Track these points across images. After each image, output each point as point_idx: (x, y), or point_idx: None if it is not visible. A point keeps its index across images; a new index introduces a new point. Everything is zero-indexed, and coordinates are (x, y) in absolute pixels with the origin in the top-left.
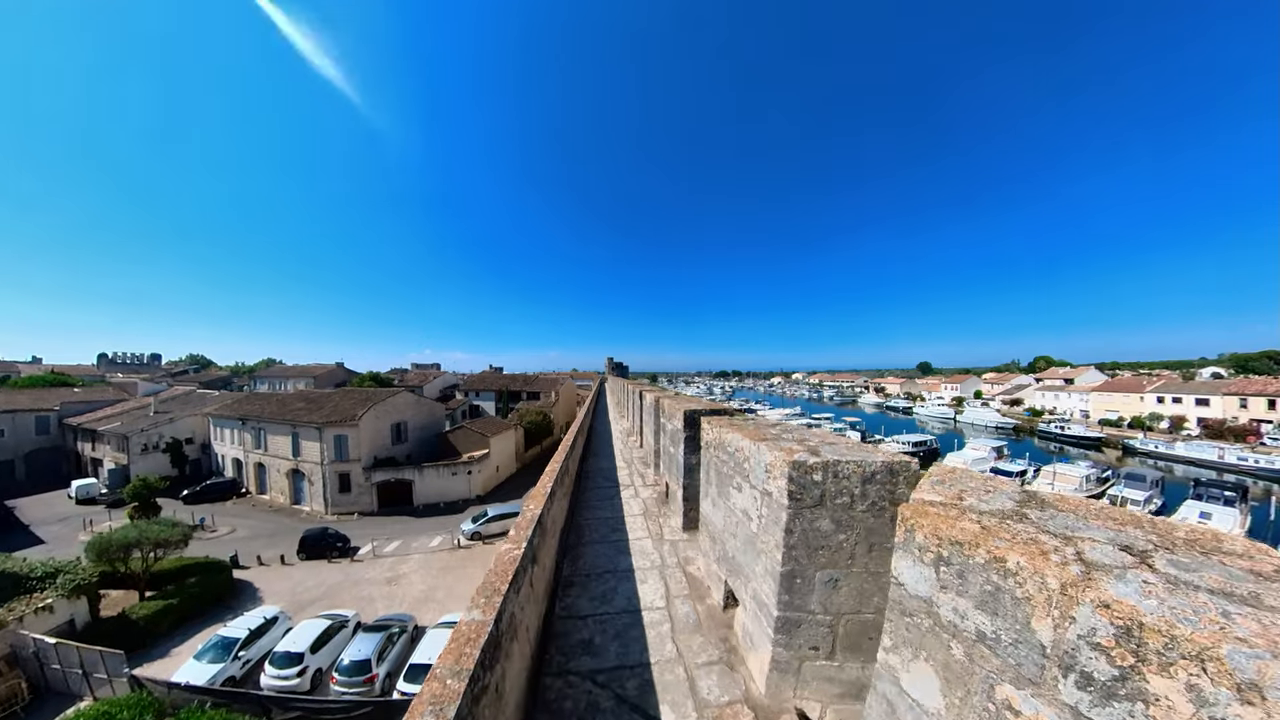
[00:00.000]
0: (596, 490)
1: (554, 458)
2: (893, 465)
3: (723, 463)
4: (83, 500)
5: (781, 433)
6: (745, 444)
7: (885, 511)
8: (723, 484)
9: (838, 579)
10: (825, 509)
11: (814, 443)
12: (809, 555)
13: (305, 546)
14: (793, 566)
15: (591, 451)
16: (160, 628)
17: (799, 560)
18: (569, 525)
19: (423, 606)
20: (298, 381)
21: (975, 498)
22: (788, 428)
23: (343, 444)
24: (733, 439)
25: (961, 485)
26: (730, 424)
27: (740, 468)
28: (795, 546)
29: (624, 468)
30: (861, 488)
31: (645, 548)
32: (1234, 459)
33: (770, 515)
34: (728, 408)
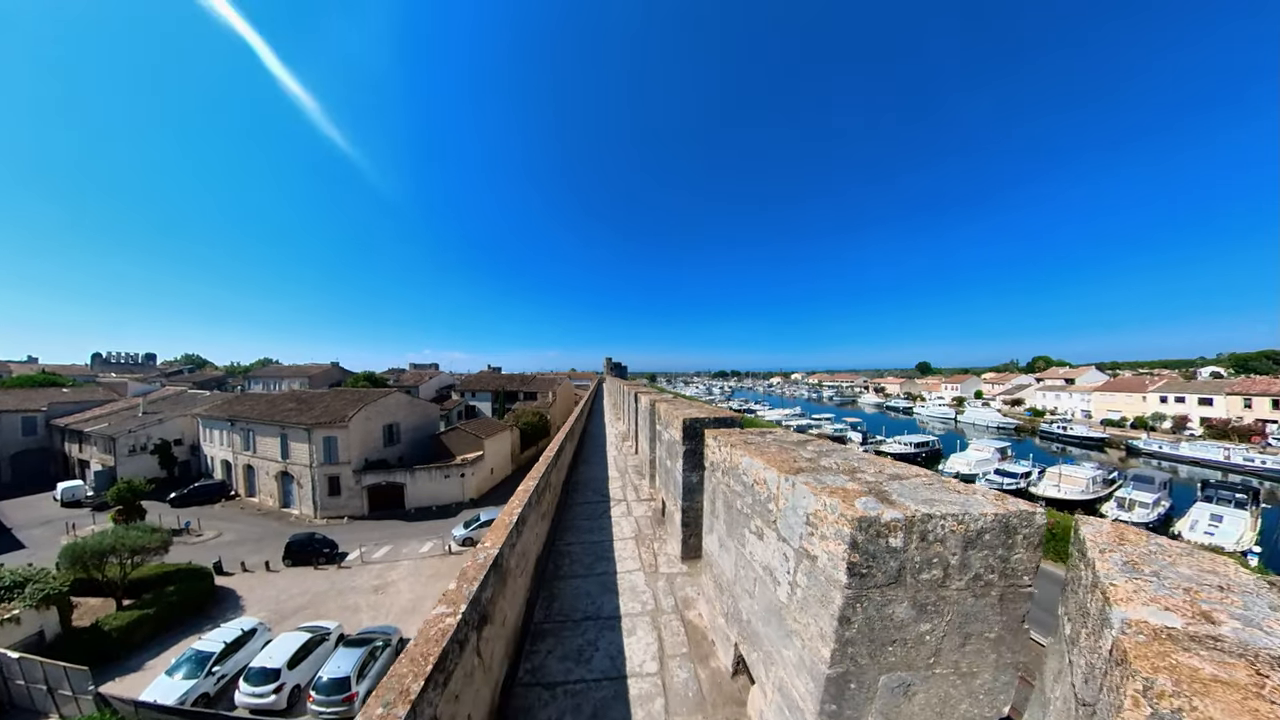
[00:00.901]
0: (584, 506)
1: (533, 469)
2: (1008, 520)
3: (735, 494)
4: (68, 503)
5: (819, 456)
6: (770, 476)
7: (991, 589)
8: (735, 522)
9: (911, 684)
10: (903, 587)
11: (877, 478)
12: (873, 653)
13: (291, 552)
14: (847, 668)
15: (583, 458)
16: (135, 639)
17: (857, 660)
18: (548, 551)
19: (409, 617)
20: (292, 382)
21: (1233, 619)
22: (825, 447)
23: (332, 446)
24: (751, 465)
25: (1180, 576)
26: (744, 441)
27: (762, 508)
28: (854, 641)
29: (616, 478)
30: (962, 554)
31: (636, 583)
32: (1240, 459)
33: (814, 590)
34: (735, 415)
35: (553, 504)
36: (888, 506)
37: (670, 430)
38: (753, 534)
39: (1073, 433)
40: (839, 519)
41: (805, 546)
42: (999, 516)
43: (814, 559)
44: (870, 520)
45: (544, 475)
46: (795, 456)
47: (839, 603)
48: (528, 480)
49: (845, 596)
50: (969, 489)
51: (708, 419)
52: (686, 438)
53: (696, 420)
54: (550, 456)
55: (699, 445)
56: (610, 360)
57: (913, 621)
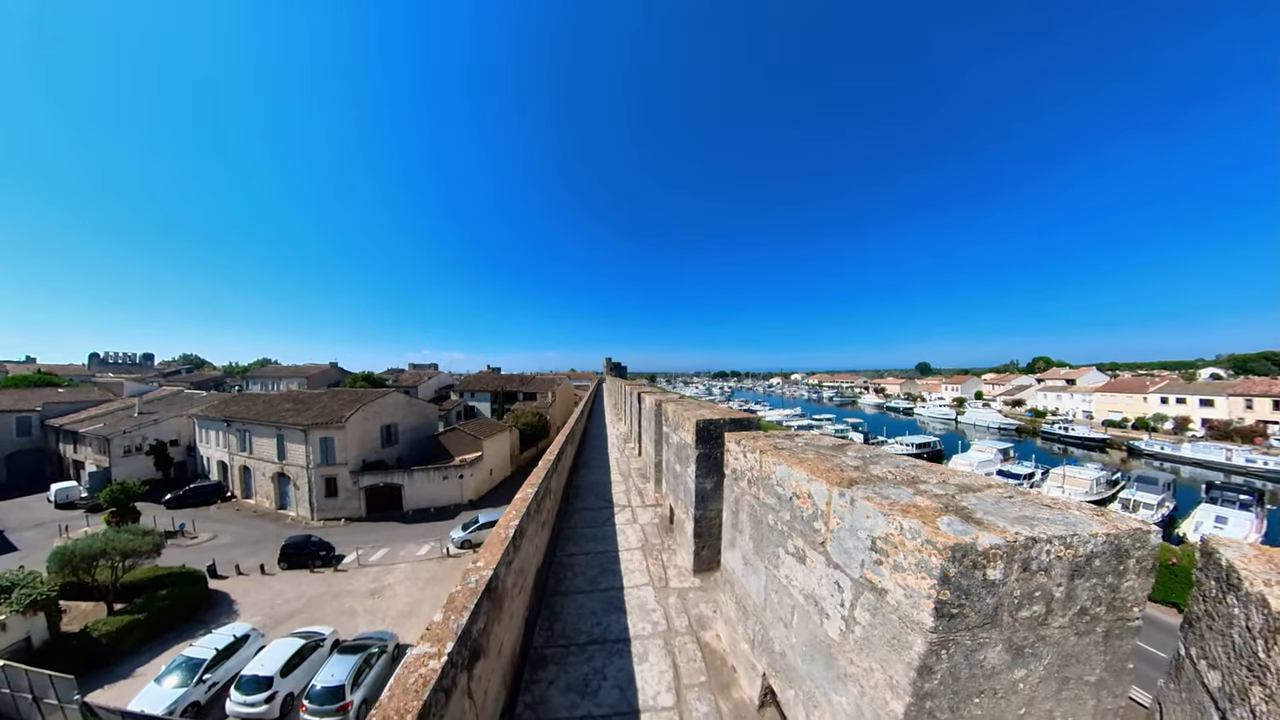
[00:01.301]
0: (586, 513)
1: (533, 474)
2: (1119, 541)
3: (766, 507)
4: (62, 504)
5: (866, 463)
6: (818, 489)
7: (1097, 624)
8: (765, 539)
9: None
10: (999, 628)
11: (945, 490)
12: (955, 706)
13: (286, 555)
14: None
15: (583, 461)
16: (125, 645)
17: (935, 715)
18: (548, 564)
19: (406, 622)
20: (290, 382)
21: None
22: (868, 452)
23: (329, 447)
24: (789, 476)
25: None
26: (774, 447)
27: (805, 526)
28: (934, 694)
29: (619, 481)
30: (1068, 585)
31: (645, 600)
32: (1242, 460)
33: (881, 630)
34: (752, 417)
35: (553, 511)
36: (979, 529)
37: (680, 433)
38: (790, 555)
39: (1074, 434)
40: (923, 547)
41: (869, 577)
42: (1110, 538)
43: (882, 593)
44: (965, 549)
45: (544, 481)
46: (839, 464)
47: (919, 649)
48: (526, 487)
49: (929, 642)
50: (1062, 503)
51: (723, 420)
52: (700, 441)
53: (711, 422)
54: (550, 460)
55: (714, 449)
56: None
57: (1006, 668)
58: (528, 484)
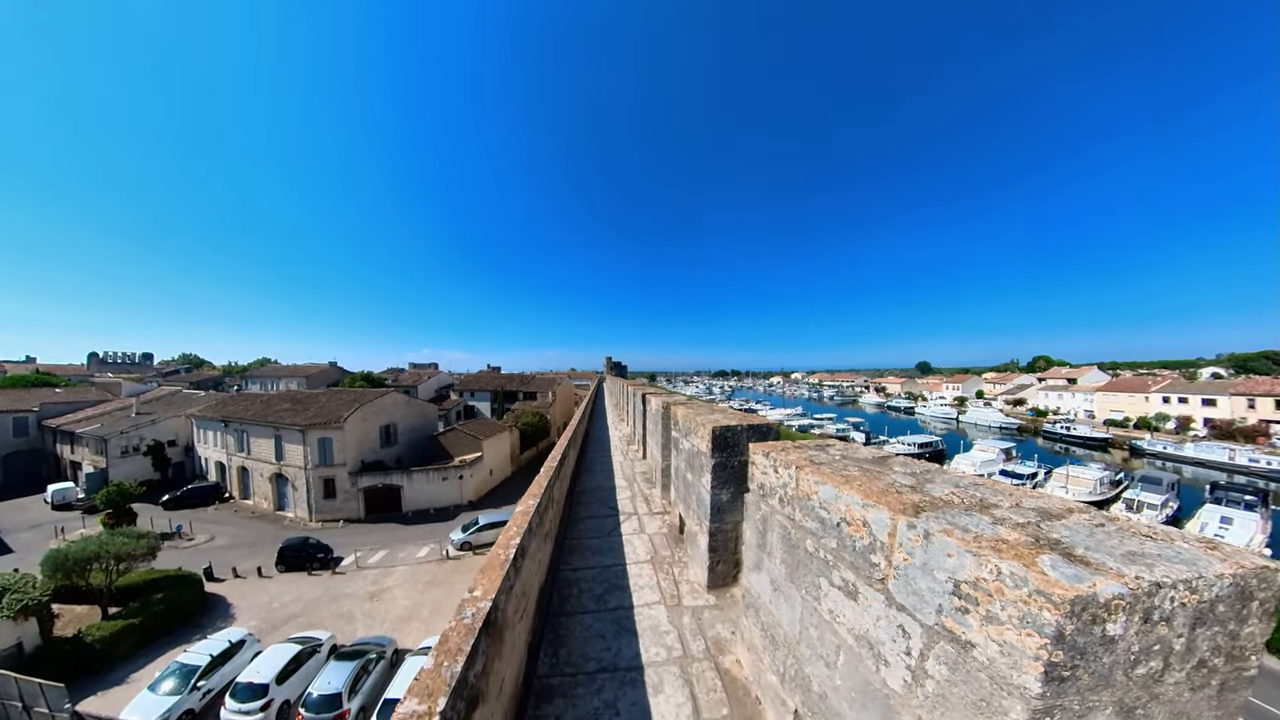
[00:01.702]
0: (590, 522)
1: (534, 483)
2: (1244, 582)
3: (804, 531)
4: (58, 505)
5: (921, 481)
6: (876, 517)
7: (1213, 676)
8: (802, 566)
9: None
10: (1110, 689)
11: (1025, 517)
12: None
13: (284, 557)
14: None
15: (586, 465)
16: (119, 651)
17: None
18: (551, 581)
19: (405, 626)
20: (289, 381)
21: None
22: (918, 467)
23: (327, 447)
24: (836, 498)
25: None
26: (811, 461)
27: (859, 558)
28: None
29: (624, 487)
30: (1188, 635)
31: (657, 620)
32: (1245, 460)
33: (964, 689)
34: (770, 423)
35: (556, 521)
36: (1091, 572)
37: (693, 439)
38: (835, 588)
39: (1076, 433)
40: (1031, 598)
41: (949, 626)
42: (1236, 579)
43: (966, 646)
44: (1085, 601)
45: (546, 490)
46: (891, 484)
47: (1019, 717)
48: (528, 498)
49: (1031, 710)
50: (1165, 533)
51: (741, 427)
52: (717, 449)
53: (729, 429)
54: (552, 466)
55: (731, 458)
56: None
57: None
58: (529, 494)
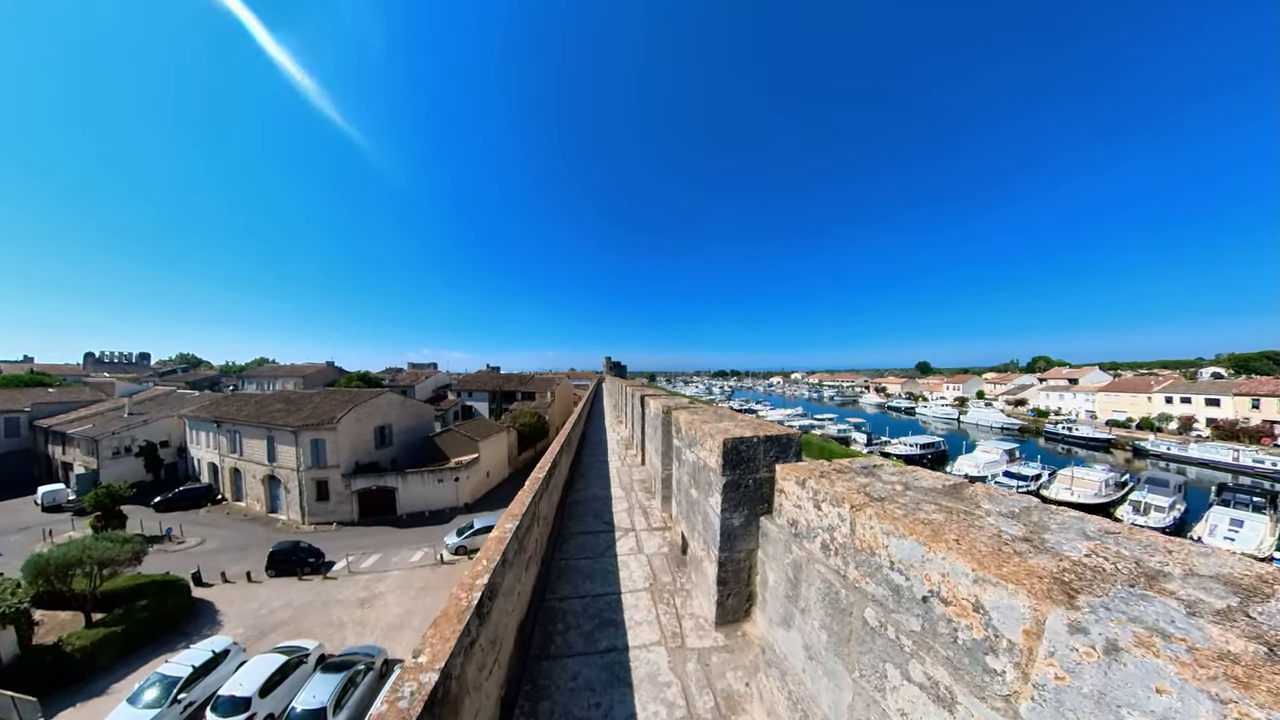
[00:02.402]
0: (582, 539)
1: (517, 497)
2: None
3: (865, 596)
4: (49, 507)
5: (1034, 528)
6: (1005, 601)
7: None
8: (858, 642)
9: None
10: None
11: (1231, 595)
12: None
13: (274, 562)
14: None
15: (580, 472)
16: (100, 660)
17: None
18: (534, 614)
19: (396, 635)
20: (286, 381)
21: None
22: (1023, 507)
23: (320, 448)
24: (924, 559)
25: None
26: (869, 498)
27: (959, 654)
28: None
29: (621, 497)
30: None
31: (656, 667)
32: (1250, 461)
33: None
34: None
35: (543, 540)
36: None
37: (699, 451)
38: (913, 683)
39: (1078, 433)
40: None
41: None
42: None
43: None
44: None
45: (530, 507)
46: (994, 534)
47: None
48: (506, 519)
49: None
50: None
51: (757, 439)
52: (729, 465)
53: (744, 442)
54: (539, 478)
55: (746, 477)
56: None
57: None
58: (509, 514)
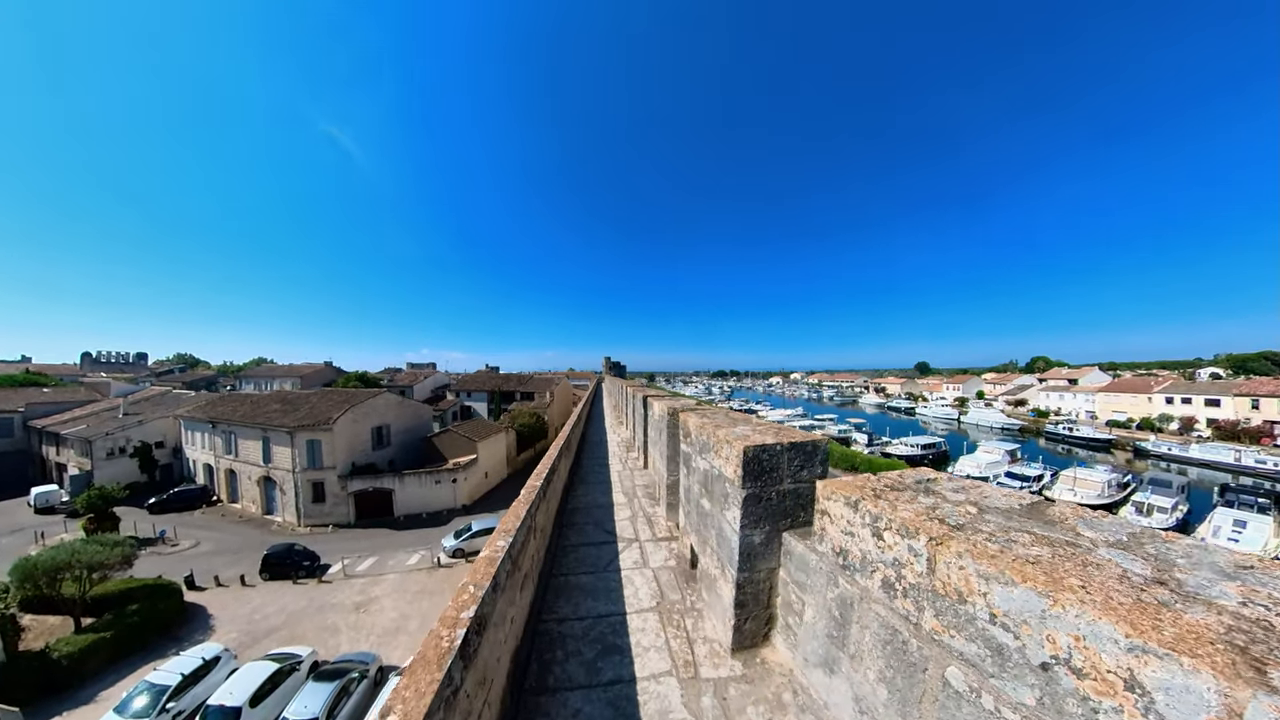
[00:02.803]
0: (582, 551)
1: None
2: None
3: (950, 654)
4: (42, 509)
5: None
6: (1183, 680)
7: None
8: (937, 707)
9: None
10: None
11: None
12: None
13: (268, 565)
14: None
15: (580, 477)
16: (88, 666)
17: None
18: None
19: (392, 640)
20: (284, 381)
21: None
22: (1135, 533)
23: (316, 449)
24: (1043, 617)
25: None
26: (944, 525)
27: None
28: None
29: (623, 503)
30: None
31: (668, 702)
32: (1251, 462)
33: None
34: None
35: (540, 554)
36: None
37: (713, 460)
38: None
39: (1079, 434)
40: None
41: None
42: None
43: None
44: None
45: (526, 519)
46: (1119, 574)
47: None
48: (500, 535)
49: None
50: None
51: (780, 446)
52: (750, 476)
53: (767, 451)
54: (537, 486)
55: (768, 489)
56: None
57: None
58: (502, 528)
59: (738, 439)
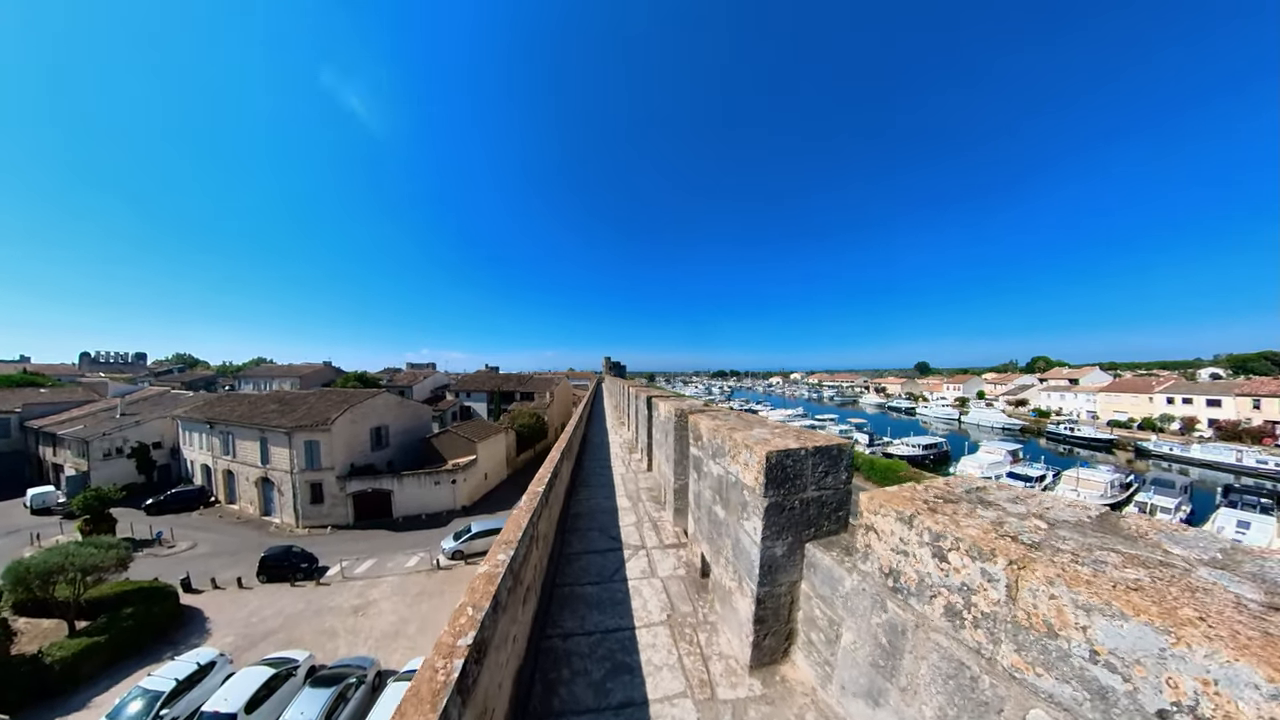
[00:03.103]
0: (586, 559)
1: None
2: None
3: (1035, 695)
4: (38, 510)
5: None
6: None
7: None
8: None
9: None
10: None
11: None
12: None
13: (265, 568)
14: None
15: (582, 480)
16: (82, 671)
17: None
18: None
19: (390, 644)
20: (283, 381)
21: None
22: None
23: (314, 450)
24: (1162, 658)
25: None
26: (1020, 544)
27: None
28: None
29: (627, 508)
30: None
31: None
32: (1253, 462)
33: None
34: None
35: (543, 563)
36: None
37: (729, 464)
38: None
39: (1080, 434)
40: None
41: None
42: None
43: None
44: None
45: (527, 528)
46: (1233, 600)
47: None
48: (499, 549)
49: None
50: None
51: (805, 451)
52: (772, 484)
53: (790, 456)
54: (539, 491)
55: (791, 497)
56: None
57: None
58: (502, 541)
59: (757, 443)
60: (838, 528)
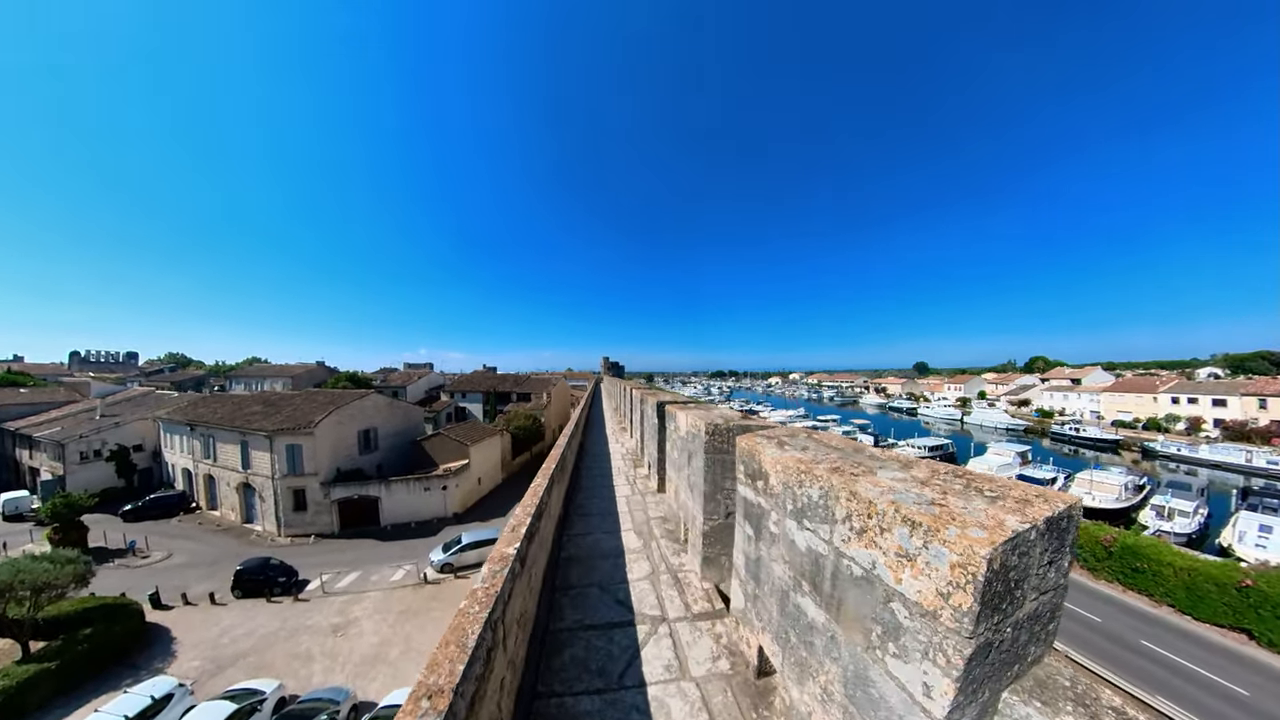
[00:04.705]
0: (583, 643)
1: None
2: None
3: None
4: (10, 516)
5: None
6: None
7: None
8: None
9: None
10: None
11: None
12: None
13: (241, 582)
14: None
15: (577, 505)
16: (30, 701)
17: None
18: None
19: (370, 671)
20: (275, 381)
21: None
22: None
23: (296, 454)
24: None
25: None
26: None
27: None
28: None
29: (637, 550)
30: None
31: None
32: (1263, 463)
33: None
34: (1069, 503)
35: (520, 664)
36: None
37: (855, 543)
38: None
39: (1085, 434)
40: None
41: None
42: None
43: None
44: None
45: (483, 632)
46: None
47: None
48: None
49: None
50: None
51: (1033, 532)
52: (990, 607)
53: (1019, 548)
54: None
55: (1004, 622)
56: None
57: None
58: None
59: (944, 518)
60: (1042, 651)
